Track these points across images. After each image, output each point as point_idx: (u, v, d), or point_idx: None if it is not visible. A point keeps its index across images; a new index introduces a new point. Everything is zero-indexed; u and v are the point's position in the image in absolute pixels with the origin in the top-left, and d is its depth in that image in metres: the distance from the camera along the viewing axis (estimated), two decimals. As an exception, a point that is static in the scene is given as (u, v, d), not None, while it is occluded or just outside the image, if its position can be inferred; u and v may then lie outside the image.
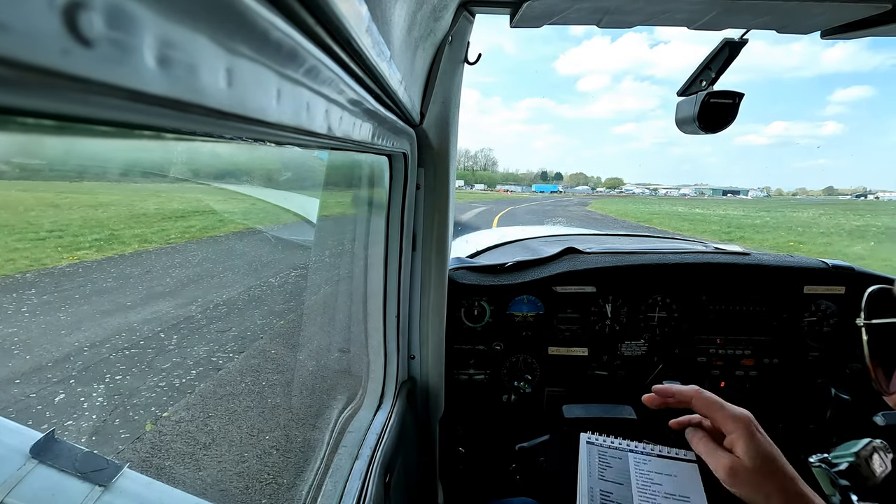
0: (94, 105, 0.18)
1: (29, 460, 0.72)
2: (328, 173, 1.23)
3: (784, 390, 1.57)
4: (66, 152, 0.31)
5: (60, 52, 0.15)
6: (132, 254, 6.29)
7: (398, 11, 0.57)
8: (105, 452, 2.04)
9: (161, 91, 0.20)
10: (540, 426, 1.44)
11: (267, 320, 4.79)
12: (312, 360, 2.92)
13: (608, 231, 2.80)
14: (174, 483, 2.55)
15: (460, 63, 1.10)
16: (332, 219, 1.43)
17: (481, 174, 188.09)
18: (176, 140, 0.28)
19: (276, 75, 0.31)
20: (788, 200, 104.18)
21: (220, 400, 3.38)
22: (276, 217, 7.80)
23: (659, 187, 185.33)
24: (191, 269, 6.18)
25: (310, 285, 3.78)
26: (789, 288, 1.55)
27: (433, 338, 1.36)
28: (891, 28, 0.94)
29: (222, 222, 8.82)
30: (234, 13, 0.23)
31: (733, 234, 19.44)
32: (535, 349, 1.59)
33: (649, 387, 1.52)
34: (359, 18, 0.37)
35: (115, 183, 8.27)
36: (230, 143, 0.34)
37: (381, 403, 1.28)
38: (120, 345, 3.87)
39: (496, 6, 0.99)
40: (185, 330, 4.35)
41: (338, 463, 1.03)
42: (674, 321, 1.58)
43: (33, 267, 5.07)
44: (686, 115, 1.09)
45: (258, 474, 2.68)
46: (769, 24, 0.98)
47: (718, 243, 2.23)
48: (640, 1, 0.89)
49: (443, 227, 1.26)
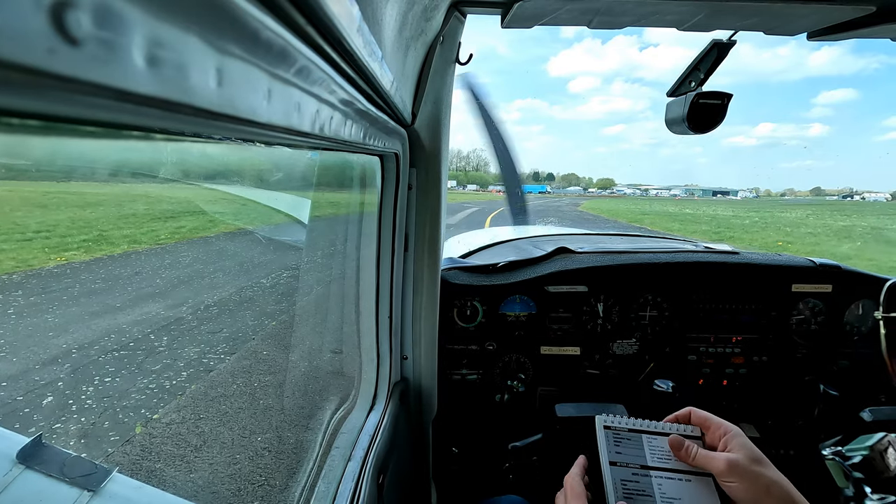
0: (81, 105, 0.18)
1: (15, 465, 0.71)
2: (320, 174, 1.23)
3: (773, 387, 1.59)
4: (54, 152, 0.31)
5: (47, 52, 0.15)
6: (121, 255, 6.22)
7: (389, 11, 0.57)
8: (94, 456, 2.02)
9: (150, 91, 0.20)
10: (533, 425, 1.45)
11: (258, 321, 4.76)
12: (305, 361, 2.90)
13: (600, 231, 2.81)
14: (165, 486, 2.52)
15: (452, 63, 1.10)
16: (324, 219, 1.42)
17: (473, 175, 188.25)
18: (165, 140, 0.27)
19: (267, 75, 0.31)
20: (777, 201, 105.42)
21: (212, 401, 3.35)
22: (267, 218, 7.75)
23: (650, 188, 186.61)
24: (181, 270, 6.12)
25: (301, 286, 3.76)
26: (778, 286, 1.57)
27: (426, 338, 1.36)
28: (875, 30, 0.95)
29: (213, 223, 8.75)
30: (225, 12, 0.23)
31: (723, 233, 19.64)
32: (527, 349, 1.59)
33: (641, 385, 1.53)
34: (350, 18, 0.37)
35: (103, 183, 8.17)
36: (220, 143, 0.34)
37: (373, 404, 1.28)
38: (109, 347, 3.83)
39: (487, 6, 0.99)
40: (176, 331, 4.31)
41: (330, 464, 1.03)
42: (665, 320, 1.59)
43: (20, 268, 5.00)
44: (676, 115, 1.10)
45: (250, 476, 2.66)
46: (757, 25, 0.99)
47: (708, 243, 2.26)
48: (630, 2, 0.89)
49: (435, 228, 1.26)
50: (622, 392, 1.58)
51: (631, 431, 0.80)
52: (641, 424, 0.81)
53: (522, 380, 1.60)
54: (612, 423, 0.81)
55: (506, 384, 1.60)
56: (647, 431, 0.80)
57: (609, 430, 0.80)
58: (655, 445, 0.78)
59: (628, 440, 0.79)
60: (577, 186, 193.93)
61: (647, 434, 0.79)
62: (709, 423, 0.75)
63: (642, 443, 0.78)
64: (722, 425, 0.73)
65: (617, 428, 0.80)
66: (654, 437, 0.79)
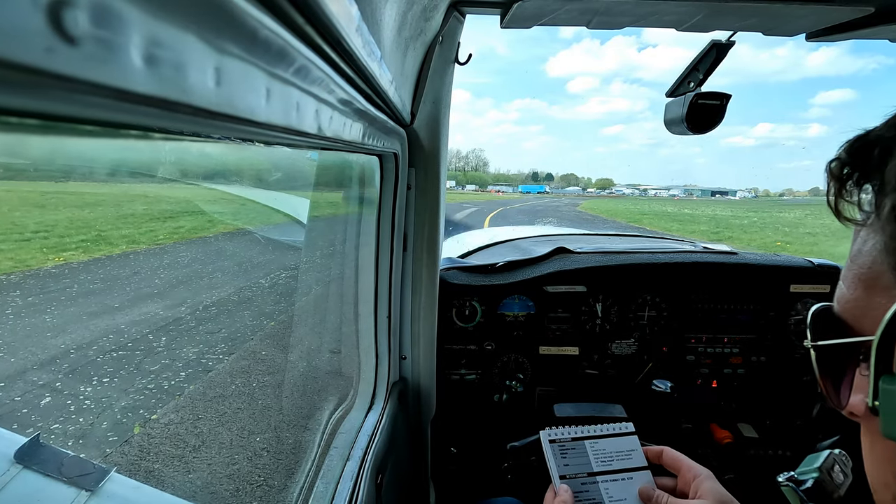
0: (79, 104, 0.18)
1: (13, 465, 0.71)
2: (319, 174, 1.23)
3: (771, 387, 1.59)
4: (52, 152, 0.30)
5: (44, 51, 0.15)
6: (120, 255, 6.21)
7: (388, 11, 0.57)
8: (92, 456, 2.02)
9: (148, 90, 0.20)
10: (531, 425, 1.45)
11: (257, 321, 4.76)
12: (303, 361, 2.90)
13: (598, 231, 2.82)
14: (163, 487, 2.52)
15: (451, 63, 1.10)
16: (323, 219, 1.42)
17: (472, 175, 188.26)
18: (164, 140, 0.27)
19: (266, 74, 0.31)
20: (775, 201, 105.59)
21: (210, 402, 3.35)
22: (266, 218, 7.75)
23: (648, 188, 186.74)
24: (180, 271, 6.12)
25: (300, 286, 3.76)
26: (776, 287, 1.57)
27: (424, 338, 1.36)
28: (874, 31, 0.96)
29: (212, 223, 8.74)
30: (223, 11, 0.23)
31: (721, 233, 19.67)
32: (526, 349, 1.59)
33: (639, 385, 1.53)
34: (349, 18, 0.37)
35: (102, 183, 8.16)
36: (219, 142, 0.34)
37: (372, 404, 1.28)
38: (107, 347, 3.82)
39: (486, 6, 0.99)
40: (174, 332, 4.30)
41: (329, 464, 1.02)
42: (663, 320, 1.59)
43: (18, 268, 4.99)
44: (675, 115, 1.10)
45: (249, 476, 2.66)
46: (756, 26, 1.00)
47: (707, 243, 2.26)
48: (629, 2, 0.89)
49: (434, 228, 1.26)
50: (621, 392, 1.58)
51: (574, 440, 0.85)
52: (582, 431, 0.86)
53: (521, 380, 1.60)
54: (556, 435, 0.86)
55: (504, 384, 1.60)
56: (589, 437, 0.85)
57: (554, 443, 0.85)
58: (598, 449, 0.84)
59: (573, 449, 0.84)
60: (576, 186, 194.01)
61: (589, 440, 0.85)
62: (679, 466, 0.78)
63: (586, 450, 0.84)
64: (692, 469, 0.75)
65: (561, 440, 0.85)
66: (596, 440, 0.85)
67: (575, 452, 0.83)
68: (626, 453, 0.83)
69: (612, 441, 0.84)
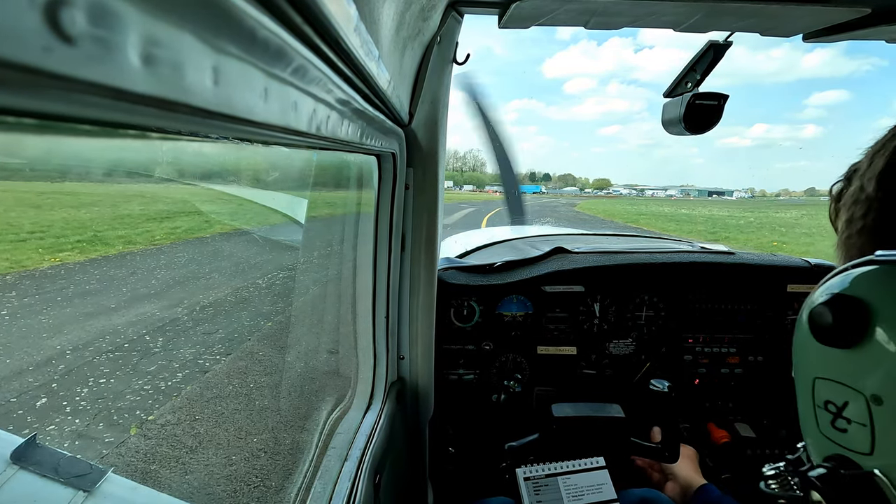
0: (76, 103, 0.18)
1: (9, 466, 0.70)
2: (317, 173, 1.23)
3: (769, 387, 1.60)
4: (49, 152, 0.30)
5: (42, 50, 0.15)
6: (116, 255, 6.19)
7: (386, 11, 0.57)
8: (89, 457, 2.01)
9: (146, 90, 0.20)
10: (529, 425, 1.45)
11: (255, 322, 4.75)
12: (301, 361, 2.90)
13: (596, 231, 2.82)
14: (160, 487, 2.51)
15: (449, 63, 1.10)
16: (321, 219, 1.42)
17: (470, 175, 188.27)
18: (161, 139, 0.27)
19: (264, 74, 0.31)
20: (772, 201, 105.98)
21: (207, 402, 3.34)
22: (263, 218, 7.73)
23: (646, 188, 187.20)
24: (177, 271, 6.10)
25: (298, 286, 3.75)
26: (773, 286, 1.58)
27: (422, 338, 1.36)
28: (870, 31, 0.96)
29: (209, 223, 8.72)
30: (221, 11, 0.23)
31: (718, 234, 19.71)
32: (524, 349, 1.59)
33: (637, 385, 1.54)
34: (347, 18, 0.37)
35: (98, 183, 8.13)
36: (217, 142, 0.34)
37: (370, 404, 1.27)
38: (104, 348, 3.81)
39: (484, 7, 0.99)
40: (171, 332, 4.29)
41: (327, 465, 1.02)
42: (661, 320, 1.60)
43: (13, 269, 4.96)
44: (672, 116, 1.11)
45: (246, 477, 2.65)
46: (753, 26, 1.00)
47: (704, 243, 2.26)
48: (626, 3, 0.89)
49: (432, 228, 1.26)
50: (618, 392, 1.59)
51: (547, 477, 0.91)
52: (554, 468, 0.92)
53: (519, 380, 1.60)
54: (530, 472, 0.92)
55: (502, 384, 1.60)
56: (561, 473, 0.92)
57: (529, 480, 0.91)
58: (570, 484, 0.90)
59: (546, 486, 0.90)
60: (574, 187, 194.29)
61: (562, 475, 0.91)
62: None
63: (559, 486, 0.90)
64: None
65: (535, 477, 0.91)
66: (568, 476, 0.91)
67: (548, 489, 0.89)
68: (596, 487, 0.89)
69: (584, 476, 0.90)
